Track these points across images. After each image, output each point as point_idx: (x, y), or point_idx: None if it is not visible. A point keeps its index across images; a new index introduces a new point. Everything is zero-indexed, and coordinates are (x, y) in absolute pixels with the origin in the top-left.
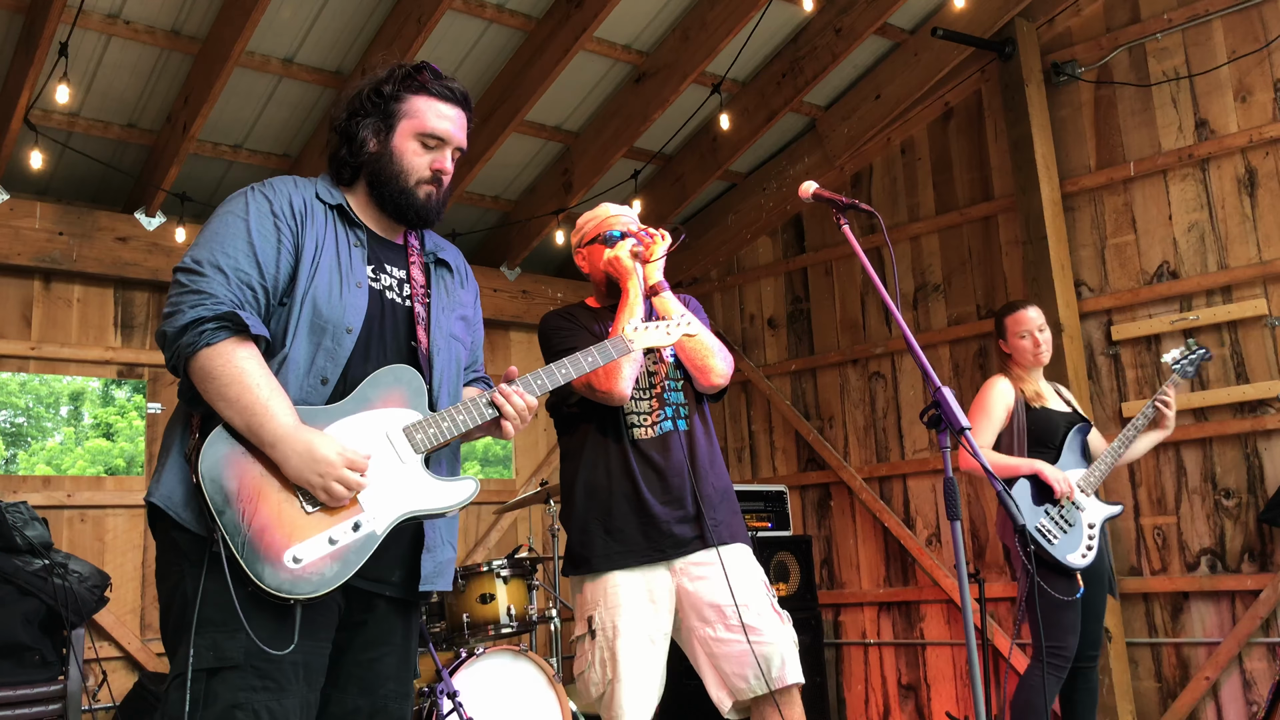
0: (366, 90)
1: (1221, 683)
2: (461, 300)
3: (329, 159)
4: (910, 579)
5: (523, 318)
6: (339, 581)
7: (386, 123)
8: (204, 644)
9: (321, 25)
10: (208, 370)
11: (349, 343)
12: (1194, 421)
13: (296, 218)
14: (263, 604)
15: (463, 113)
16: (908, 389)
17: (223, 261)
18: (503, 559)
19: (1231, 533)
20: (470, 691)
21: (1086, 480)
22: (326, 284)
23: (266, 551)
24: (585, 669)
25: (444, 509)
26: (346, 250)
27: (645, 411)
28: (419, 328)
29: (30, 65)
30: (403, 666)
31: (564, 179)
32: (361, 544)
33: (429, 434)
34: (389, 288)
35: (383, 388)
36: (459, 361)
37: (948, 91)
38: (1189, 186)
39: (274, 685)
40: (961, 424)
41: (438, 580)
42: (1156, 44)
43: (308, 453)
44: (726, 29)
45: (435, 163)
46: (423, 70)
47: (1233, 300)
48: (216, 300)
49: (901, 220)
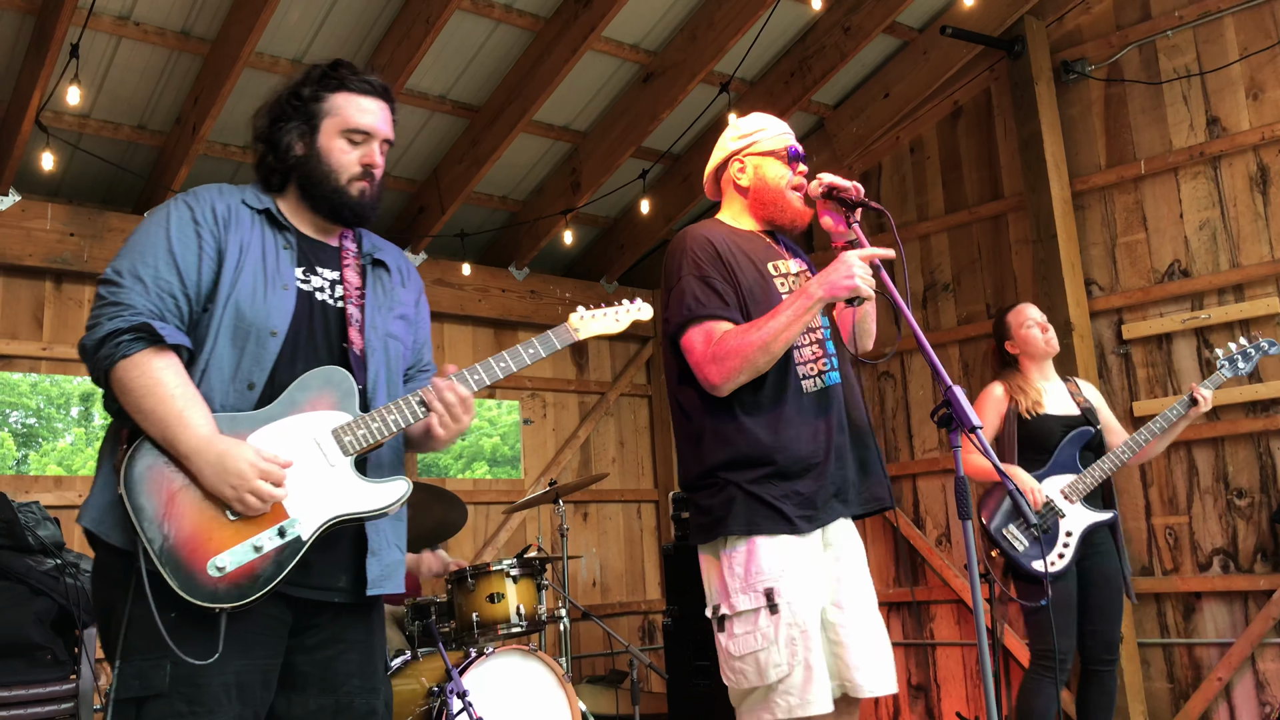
0: (285, 95)
1: (1234, 684)
2: (401, 300)
3: (256, 168)
4: (920, 579)
5: (531, 318)
6: (266, 588)
7: (310, 124)
8: (131, 673)
9: (330, 26)
10: (125, 383)
11: (274, 346)
12: (1206, 421)
13: (219, 223)
14: (190, 619)
15: (384, 104)
16: (917, 389)
17: (142, 271)
18: (512, 558)
19: (1244, 533)
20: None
21: (1072, 487)
22: (250, 287)
23: (189, 561)
24: (760, 649)
25: (374, 510)
26: (274, 253)
27: (810, 360)
28: (352, 329)
29: (41, 67)
30: (366, 663)
31: (572, 179)
32: (288, 550)
33: (358, 435)
34: (320, 289)
35: (311, 391)
36: (398, 361)
37: (957, 90)
38: (1200, 184)
39: (202, 709)
40: (973, 422)
41: (385, 583)
42: (1167, 41)
43: (219, 464)
44: (735, 28)
45: (364, 158)
46: (339, 67)
47: (1245, 299)
48: (134, 311)
49: (910, 219)
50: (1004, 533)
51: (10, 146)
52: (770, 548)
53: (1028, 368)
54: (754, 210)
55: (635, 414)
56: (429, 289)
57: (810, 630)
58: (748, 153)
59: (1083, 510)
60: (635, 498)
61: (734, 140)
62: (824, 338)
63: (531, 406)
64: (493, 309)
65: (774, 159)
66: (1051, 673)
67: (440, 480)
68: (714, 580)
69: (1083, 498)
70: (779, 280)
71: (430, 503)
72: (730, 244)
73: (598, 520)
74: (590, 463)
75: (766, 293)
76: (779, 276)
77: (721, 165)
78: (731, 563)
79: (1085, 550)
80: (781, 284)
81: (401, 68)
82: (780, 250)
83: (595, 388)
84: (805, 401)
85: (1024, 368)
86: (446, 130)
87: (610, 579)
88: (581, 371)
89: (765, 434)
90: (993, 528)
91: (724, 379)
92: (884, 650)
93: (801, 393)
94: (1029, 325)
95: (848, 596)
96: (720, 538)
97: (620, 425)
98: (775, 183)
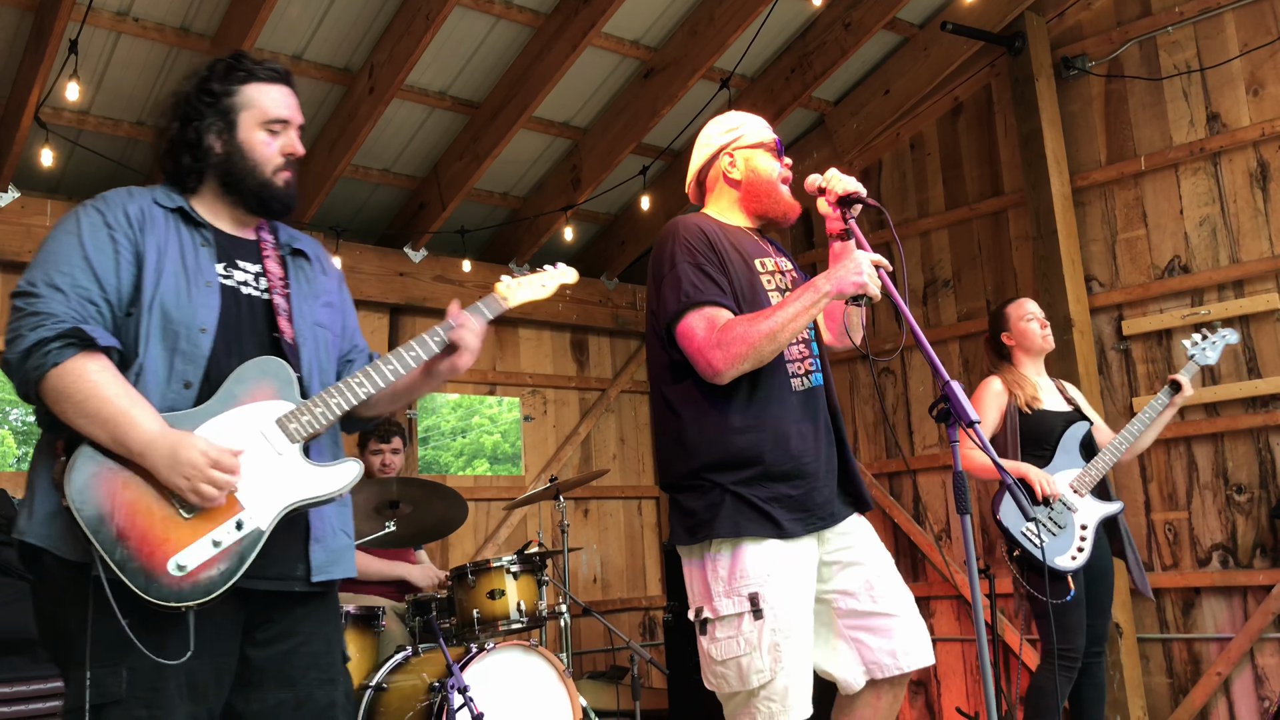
0: (193, 93)
1: (1233, 678)
2: (324, 287)
3: (167, 173)
4: (920, 575)
5: (532, 315)
6: (228, 583)
7: (226, 119)
8: (84, 683)
9: (330, 22)
10: (61, 390)
11: (205, 343)
12: (1205, 416)
13: (134, 225)
14: (150, 622)
15: (291, 90)
16: (917, 385)
17: (59, 280)
18: (512, 555)
19: (1243, 528)
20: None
21: (1080, 480)
22: (173, 287)
23: (148, 563)
24: (742, 654)
25: (329, 494)
26: (192, 251)
27: (798, 359)
28: (281, 319)
29: (40, 63)
30: (324, 654)
31: (572, 175)
32: (248, 542)
33: (303, 422)
34: (244, 283)
35: (249, 383)
36: (328, 348)
37: (957, 86)
38: (1200, 180)
39: (161, 712)
40: (970, 417)
41: (333, 569)
42: (1168, 37)
43: (172, 455)
44: (735, 24)
45: (285, 147)
46: (243, 58)
47: (1245, 294)
48: (57, 319)
49: (911, 216)
50: (1024, 532)
51: (9, 143)
52: (756, 552)
53: (1022, 362)
54: (746, 204)
55: (636, 410)
56: (430, 286)
57: (795, 636)
58: (736, 146)
59: (1094, 503)
60: (636, 494)
61: (720, 135)
62: (809, 338)
63: (532, 403)
64: None
65: (764, 150)
66: (1068, 671)
67: (441, 477)
68: (696, 583)
69: (1091, 490)
70: (765, 277)
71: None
72: (720, 235)
73: (598, 516)
74: (591, 459)
75: (753, 287)
76: (765, 274)
77: (708, 162)
78: (715, 566)
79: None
80: (768, 281)
81: (401, 64)
82: (767, 247)
83: (596, 384)
84: (794, 401)
85: (1018, 361)
86: (447, 126)
87: (611, 575)
88: (582, 368)
89: (754, 432)
90: (1011, 528)
91: (728, 364)
92: (911, 625)
93: (790, 391)
94: (1028, 319)
95: (860, 584)
96: (705, 541)
97: (621, 422)
98: (768, 174)
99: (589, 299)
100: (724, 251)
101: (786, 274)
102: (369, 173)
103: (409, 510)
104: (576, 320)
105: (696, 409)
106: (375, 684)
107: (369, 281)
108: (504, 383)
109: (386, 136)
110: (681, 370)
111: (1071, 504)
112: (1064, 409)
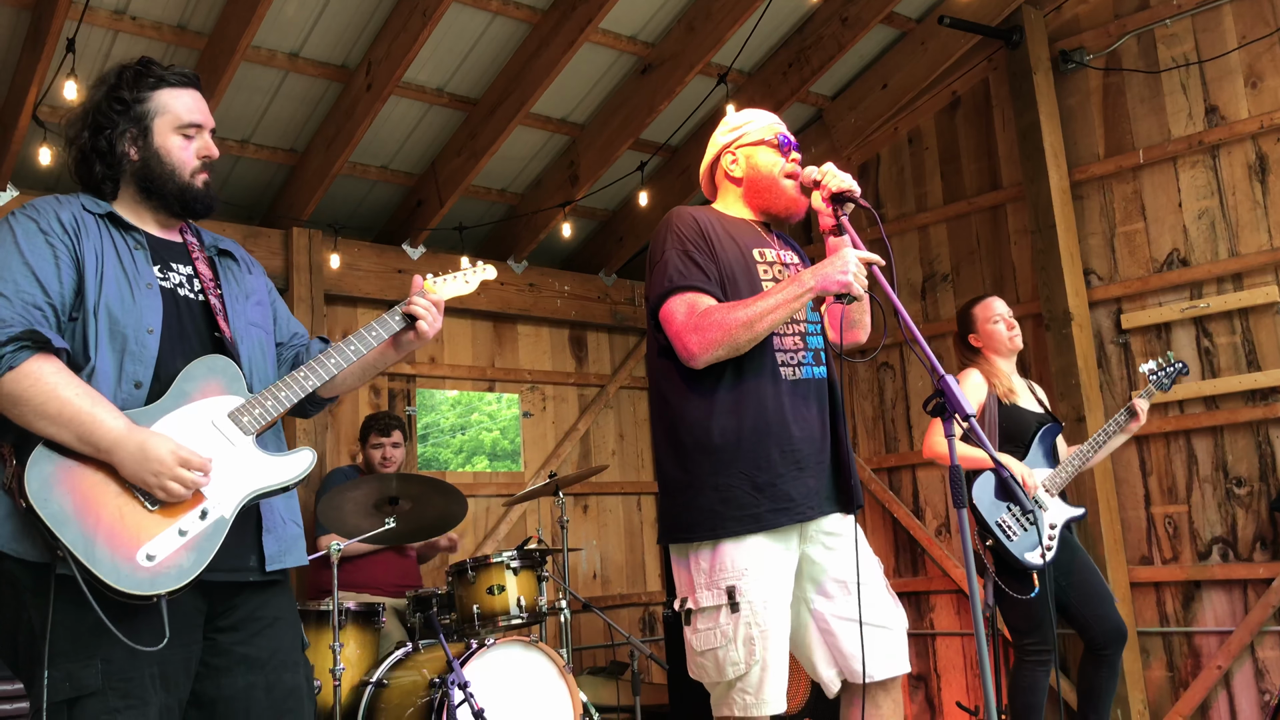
0: (103, 102)
1: (1234, 672)
2: (253, 286)
3: (82, 181)
4: (920, 569)
5: (530, 311)
6: (198, 570)
7: (140, 126)
8: (58, 676)
9: (327, 19)
10: (17, 394)
11: (153, 343)
12: (1205, 410)
13: (69, 232)
14: (123, 614)
15: (200, 94)
16: (916, 379)
17: (2, 288)
18: (512, 551)
19: (1243, 521)
20: (481, 682)
21: (1053, 480)
22: (116, 290)
23: (118, 556)
24: (719, 646)
25: (286, 482)
26: (129, 254)
27: (791, 350)
28: (219, 318)
29: (38, 61)
30: (285, 639)
31: (570, 171)
32: (212, 530)
33: (255, 415)
34: (179, 285)
35: (198, 380)
36: (263, 347)
37: (955, 80)
38: (1199, 173)
39: (136, 702)
40: (967, 410)
41: (285, 558)
42: (1166, 30)
43: (140, 452)
44: (732, 19)
45: (201, 150)
46: (150, 65)
47: (1244, 287)
48: (6, 324)
49: (909, 210)
50: (998, 521)
51: (8, 141)
52: (735, 547)
53: (993, 361)
54: (749, 199)
55: (635, 406)
56: None
57: (770, 630)
58: (738, 144)
59: (1060, 504)
60: (635, 490)
61: (724, 134)
62: (806, 331)
63: (531, 400)
64: (491, 302)
65: (765, 147)
66: (1045, 665)
67: (440, 473)
68: (682, 575)
69: (1059, 492)
70: (763, 267)
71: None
72: (716, 224)
73: (598, 513)
74: (590, 455)
75: (748, 275)
76: (763, 264)
77: (714, 161)
78: (698, 558)
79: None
80: (765, 271)
81: (399, 60)
82: (770, 240)
83: (595, 380)
84: (784, 389)
85: (989, 361)
86: (444, 123)
87: (610, 571)
88: (581, 364)
89: (735, 417)
90: (986, 516)
91: (703, 349)
92: (884, 634)
93: (779, 379)
94: (994, 320)
95: (834, 585)
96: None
97: (620, 418)
98: (768, 169)
99: (587, 295)
100: (716, 239)
101: (790, 267)
102: (367, 170)
103: (409, 506)
104: (575, 316)
105: (682, 395)
106: (376, 680)
107: (367, 279)
108: (503, 379)
109: (384, 133)
110: (671, 353)
111: (1044, 502)
112: (1037, 409)
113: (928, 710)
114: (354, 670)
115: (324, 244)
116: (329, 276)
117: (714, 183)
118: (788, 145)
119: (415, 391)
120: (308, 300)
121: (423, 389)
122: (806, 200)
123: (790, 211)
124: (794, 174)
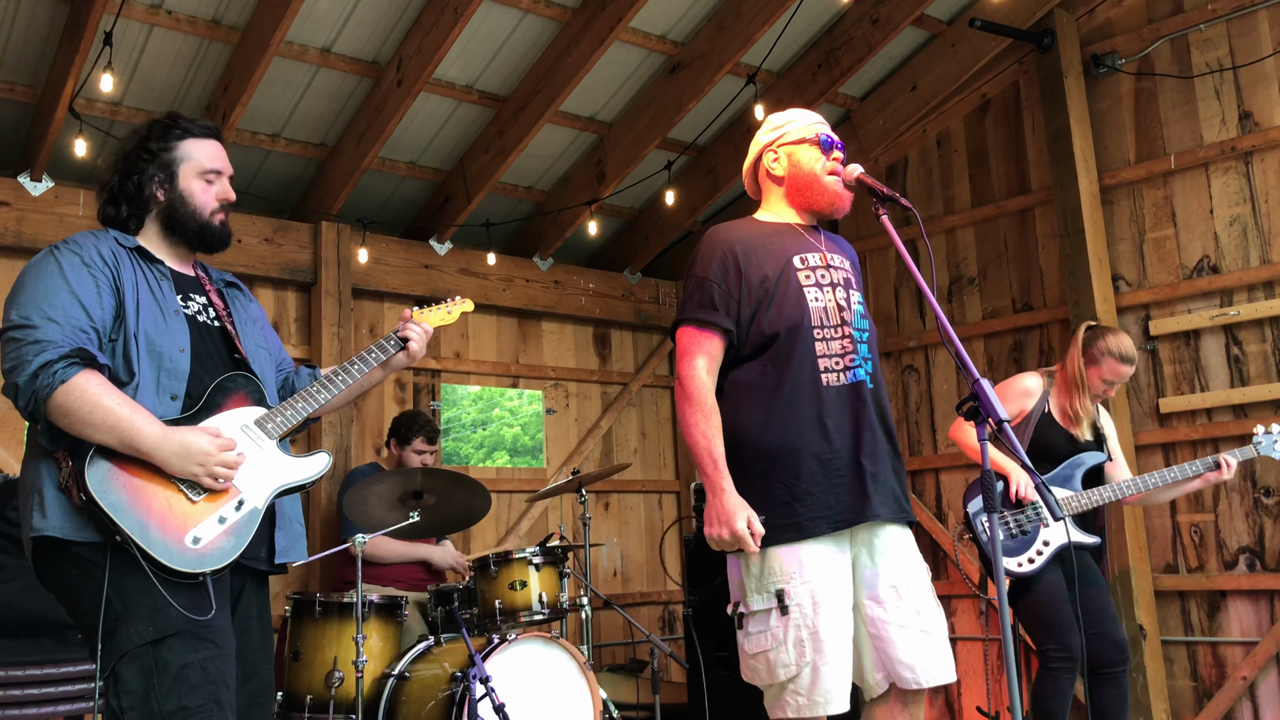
0: (133, 151)
1: (1259, 682)
2: (255, 315)
3: (110, 220)
4: (942, 574)
5: (555, 308)
6: (237, 552)
7: (167, 172)
8: (141, 625)
9: (359, 15)
10: (68, 405)
11: (184, 361)
12: (1234, 418)
13: (108, 264)
14: (178, 587)
15: (220, 144)
16: (941, 382)
17: (51, 313)
18: (535, 547)
19: (1271, 531)
20: (502, 677)
21: (1067, 503)
22: (151, 316)
23: (169, 539)
24: (770, 648)
25: (308, 479)
26: (157, 284)
27: (838, 354)
28: (236, 341)
29: (75, 54)
30: (266, 636)
31: (597, 169)
32: (248, 518)
33: (278, 422)
34: (198, 312)
35: (227, 394)
36: (269, 366)
37: (985, 83)
38: (1231, 180)
39: (213, 646)
40: (1000, 415)
41: (291, 553)
42: (1200, 35)
43: (183, 449)
44: (762, 19)
45: (221, 194)
46: (177, 119)
47: (1275, 295)
48: (56, 345)
49: (937, 213)
50: (981, 521)
51: (44, 133)
52: (785, 551)
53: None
54: (791, 199)
55: (657, 405)
56: (454, 278)
57: (822, 633)
58: (780, 143)
59: (1070, 527)
60: (656, 488)
61: (766, 134)
62: (856, 337)
63: (554, 396)
64: (517, 299)
65: (806, 145)
66: (1069, 672)
67: (462, 469)
68: (734, 578)
69: (1073, 515)
70: (804, 274)
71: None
72: (750, 241)
73: (619, 510)
74: (612, 453)
75: (787, 283)
76: (804, 270)
77: (755, 160)
78: (748, 562)
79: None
80: (807, 277)
81: (429, 57)
82: (814, 242)
83: (618, 378)
84: (827, 396)
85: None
86: (473, 120)
87: (631, 569)
88: (604, 362)
89: (776, 428)
90: (973, 514)
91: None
92: (933, 641)
93: (820, 387)
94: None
95: (887, 591)
96: None
97: (642, 416)
98: (809, 167)
99: (612, 293)
100: (746, 259)
101: (836, 269)
102: (396, 165)
103: (433, 501)
104: (599, 314)
105: (731, 405)
106: (398, 673)
107: (394, 274)
108: (526, 375)
109: (413, 129)
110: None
111: (1045, 518)
112: (1083, 437)
113: (947, 714)
114: (376, 663)
115: (352, 238)
116: (357, 271)
117: (757, 183)
118: (830, 144)
119: (440, 386)
120: (335, 294)
121: (446, 384)
122: (850, 196)
123: (835, 208)
124: (836, 172)
